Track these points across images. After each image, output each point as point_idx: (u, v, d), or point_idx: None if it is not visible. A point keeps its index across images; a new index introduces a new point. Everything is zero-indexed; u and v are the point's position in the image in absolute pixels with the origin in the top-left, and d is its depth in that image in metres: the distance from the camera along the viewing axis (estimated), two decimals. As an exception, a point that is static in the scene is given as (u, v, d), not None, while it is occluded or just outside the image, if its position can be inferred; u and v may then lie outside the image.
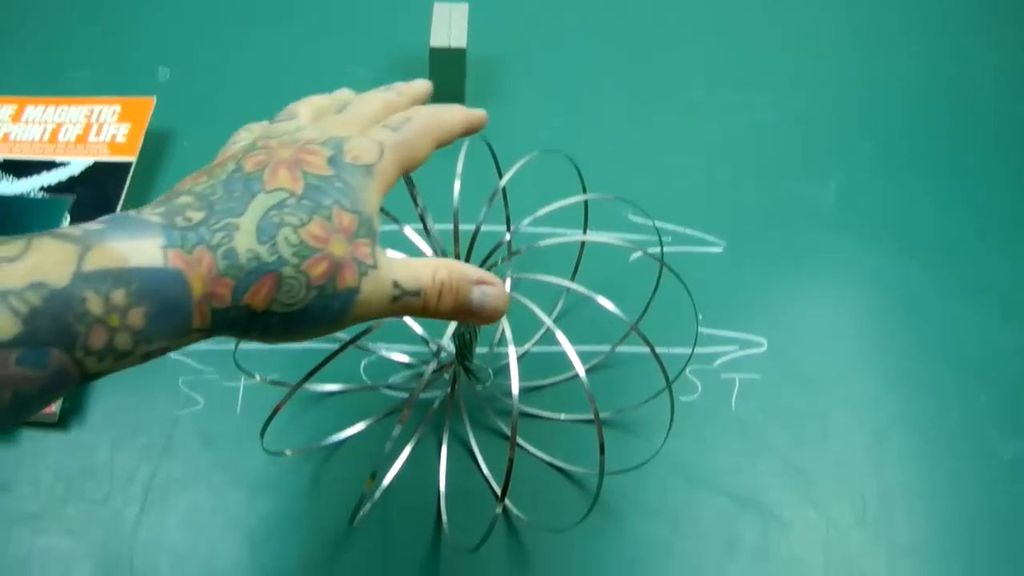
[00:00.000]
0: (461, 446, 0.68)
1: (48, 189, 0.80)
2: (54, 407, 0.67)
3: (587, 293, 0.54)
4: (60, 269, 0.37)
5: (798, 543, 0.65)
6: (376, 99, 0.53)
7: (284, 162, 0.44)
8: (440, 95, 0.90)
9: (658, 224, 0.82)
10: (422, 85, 0.57)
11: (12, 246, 0.37)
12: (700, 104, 0.94)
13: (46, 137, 0.84)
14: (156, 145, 0.86)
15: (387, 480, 0.66)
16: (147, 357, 0.40)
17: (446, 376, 0.68)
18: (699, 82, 0.96)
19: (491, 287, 0.49)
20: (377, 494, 0.65)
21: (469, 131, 0.54)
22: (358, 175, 0.45)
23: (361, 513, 0.64)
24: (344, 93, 0.56)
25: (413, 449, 0.67)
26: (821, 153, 0.90)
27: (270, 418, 0.59)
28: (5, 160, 0.82)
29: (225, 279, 0.40)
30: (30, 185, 0.80)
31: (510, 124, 0.89)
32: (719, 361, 0.74)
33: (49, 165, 0.81)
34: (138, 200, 0.81)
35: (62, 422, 0.68)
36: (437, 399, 0.69)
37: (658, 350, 0.53)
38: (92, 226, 0.39)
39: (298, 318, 0.43)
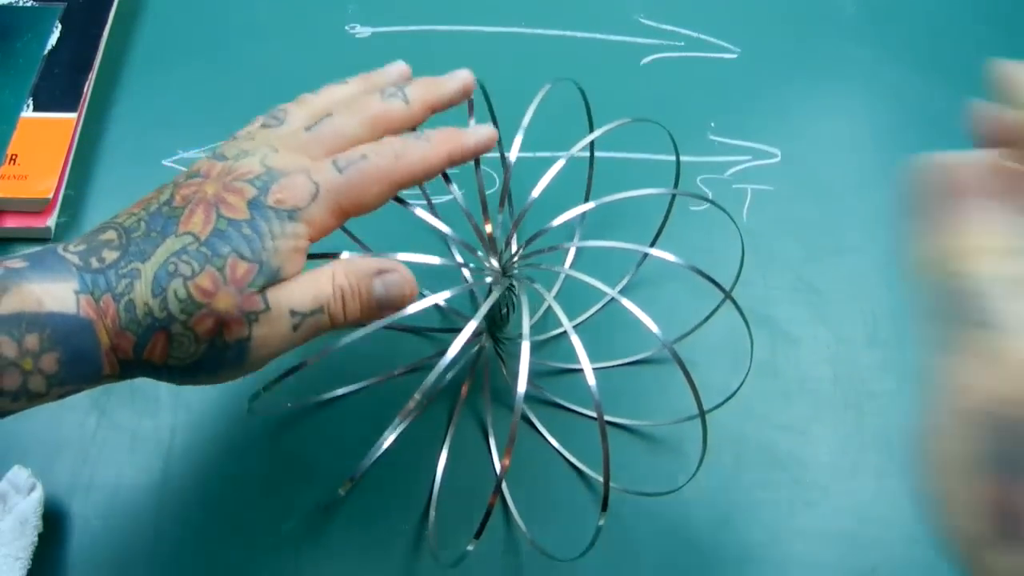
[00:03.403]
0: (479, 428, 0.60)
1: (37, -5, 0.74)
2: (48, 221, 0.64)
3: (620, 299, 0.47)
4: None
5: (807, 360, 0.62)
6: (367, 110, 0.47)
7: (204, 201, 0.42)
8: None
9: (671, 28, 0.77)
10: (454, 85, 0.51)
11: None
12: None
13: (31, -63, 0.78)
14: (148, -54, 0.80)
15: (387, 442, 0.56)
16: (62, 396, 0.40)
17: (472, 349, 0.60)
18: None
19: (391, 274, 0.45)
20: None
21: (465, 160, 0.49)
22: (276, 220, 0.42)
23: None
24: (349, 89, 0.50)
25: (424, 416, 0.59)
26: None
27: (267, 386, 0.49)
28: (-11, -38, 0.76)
29: (127, 333, 0.40)
30: (17, -10, 0.75)
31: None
32: (731, 171, 0.70)
33: (36, -32, 0.76)
34: (131, 7, 0.76)
35: (57, 237, 0.64)
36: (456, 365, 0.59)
37: (667, 157, 0.50)
38: (14, 264, 0.40)
39: (196, 369, 0.42)
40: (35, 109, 0.68)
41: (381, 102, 0.47)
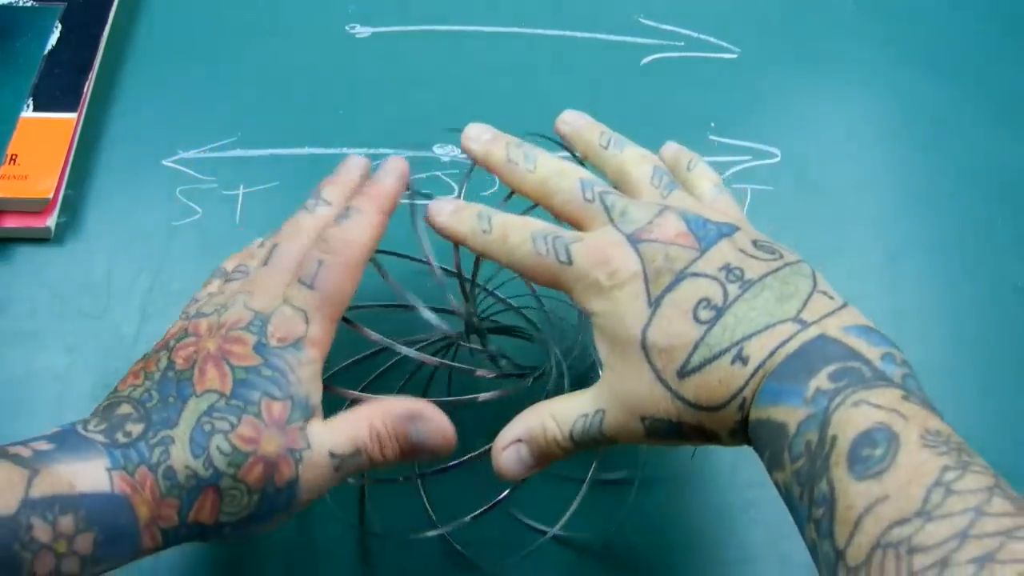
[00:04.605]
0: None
1: (37, -6, 0.74)
2: (48, 221, 0.64)
3: None
4: (7, 495, 0.36)
5: (807, 360, 0.62)
6: (301, 232, 0.48)
7: (211, 357, 0.43)
8: None
9: (671, 28, 0.77)
10: (355, 173, 0.52)
11: None
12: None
13: (32, -63, 0.77)
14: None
15: None
16: (96, 574, 0.40)
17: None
18: None
19: (425, 423, 0.45)
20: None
21: (399, 201, 0.50)
22: (287, 355, 0.44)
23: None
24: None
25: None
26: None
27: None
28: (-11, -37, 0.76)
29: (169, 499, 0.40)
30: (17, -9, 0.74)
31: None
32: (731, 171, 0.70)
33: (36, -32, 0.75)
34: (131, 7, 0.76)
35: (57, 237, 0.64)
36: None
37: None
38: (41, 446, 0.39)
39: (249, 521, 0.42)
40: (35, 109, 0.68)
41: (310, 218, 0.49)
